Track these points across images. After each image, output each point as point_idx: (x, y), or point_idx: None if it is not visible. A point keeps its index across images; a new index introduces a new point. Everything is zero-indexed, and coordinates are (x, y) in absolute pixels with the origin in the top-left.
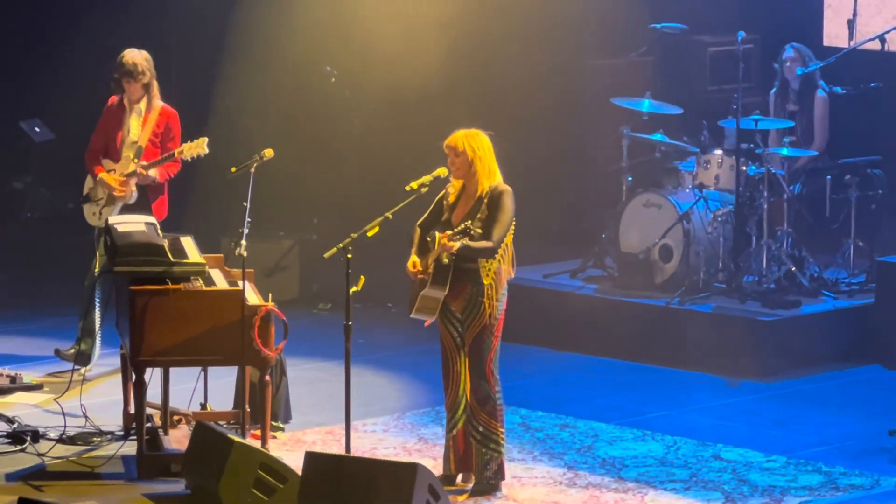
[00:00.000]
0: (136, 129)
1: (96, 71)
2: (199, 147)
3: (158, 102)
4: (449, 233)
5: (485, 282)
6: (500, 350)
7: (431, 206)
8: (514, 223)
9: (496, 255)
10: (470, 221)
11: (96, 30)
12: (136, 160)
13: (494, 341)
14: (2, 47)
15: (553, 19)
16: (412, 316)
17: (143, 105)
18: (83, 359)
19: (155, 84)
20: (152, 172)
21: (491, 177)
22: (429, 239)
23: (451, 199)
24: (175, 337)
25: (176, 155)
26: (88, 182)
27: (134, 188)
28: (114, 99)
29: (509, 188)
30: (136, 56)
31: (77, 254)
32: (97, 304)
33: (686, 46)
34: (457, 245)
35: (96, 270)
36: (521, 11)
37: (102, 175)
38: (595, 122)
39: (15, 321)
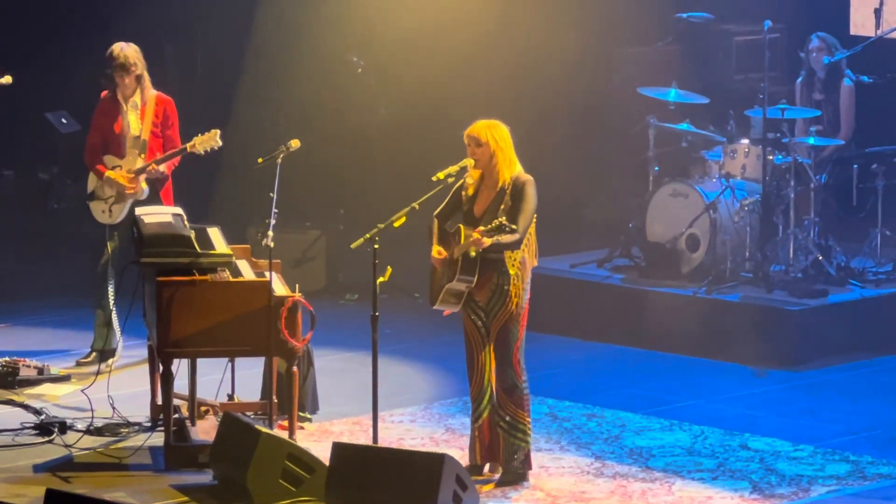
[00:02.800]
0: (136, 123)
1: None
2: (211, 140)
3: (152, 92)
4: (482, 228)
5: (510, 272)
6: (525, 339)
7: (448, 197)
8: (535, 213)
9: (521, 246)
10: (504, 218)
11: (122, 22)
12: (142, 155)
13: (520, 331)
14: (29, 38)
15: (579, 9)
16: (435, 307)
17: (137, 98)
18: (106, 355)
19: (146, 75)
20: (162, 167)
21: (511, 167)
22: (451, 230)
23: (471, 190)
24: (202, 328)
25: (188, 149)
26: (92, 180)
27: (144, 184)
28: (105, 94)
29: (531, 178)
30: (126, 49)
31: (102, 246)
32: (111, 298)
33: (712, 36)
34: (490, 241)
35: (109, 270)
36: (548, 0)
37: (110, 173)
38: (621, 112)
39: (41, 312)
